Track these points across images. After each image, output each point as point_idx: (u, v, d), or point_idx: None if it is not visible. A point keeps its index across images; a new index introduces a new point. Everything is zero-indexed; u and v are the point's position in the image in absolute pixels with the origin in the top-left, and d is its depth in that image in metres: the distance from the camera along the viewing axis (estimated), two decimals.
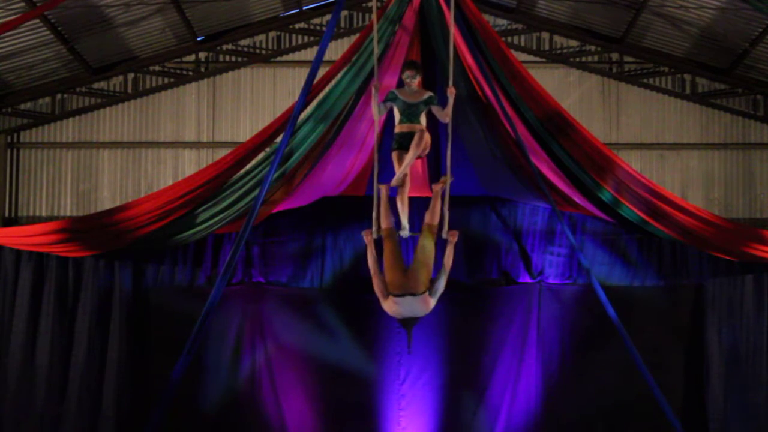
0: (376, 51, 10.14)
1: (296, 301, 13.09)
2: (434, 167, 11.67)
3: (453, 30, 10.01)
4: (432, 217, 9.64)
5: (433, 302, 9.36)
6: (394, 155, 9.80)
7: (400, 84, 10.31)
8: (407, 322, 9.47)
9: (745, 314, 12.89)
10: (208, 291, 10.19)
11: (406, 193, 9.83)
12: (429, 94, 9.85)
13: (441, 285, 9.38)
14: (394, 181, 9.64)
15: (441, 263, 9.50)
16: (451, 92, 9.76)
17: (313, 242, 13.17)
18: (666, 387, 12.22)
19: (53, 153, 13.77)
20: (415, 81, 9.83)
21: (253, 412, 12.83)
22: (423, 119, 9.81)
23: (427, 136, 9.73)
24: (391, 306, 9.30)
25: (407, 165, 9.61)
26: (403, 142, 9.76)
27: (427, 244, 9.47)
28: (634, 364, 11.03)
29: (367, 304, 12.71)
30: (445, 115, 9.82)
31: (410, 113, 9.77)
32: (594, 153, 11.41)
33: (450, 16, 10.13)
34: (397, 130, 9.85)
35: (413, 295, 9.21)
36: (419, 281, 9.25)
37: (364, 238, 9.63)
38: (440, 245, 9.64)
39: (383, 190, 9.68)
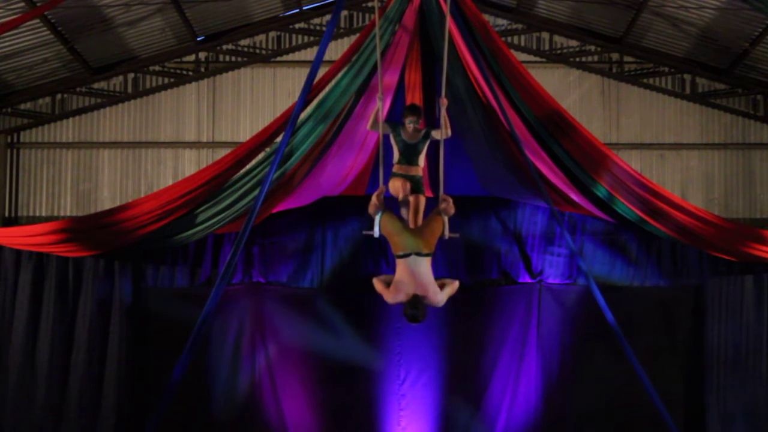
0: (380, 61, 10.12)
1: (296, 301, 13.10)
2: (434, 168, 11.66)
3: (447, 38, 9.94)
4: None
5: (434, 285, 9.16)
6: (397, 183, 9.65)
7: (397, 109, 10.20)
8: (414, 311, 9.21)
9: (745, 314, 12.89)
10: (208, 291, 10.18)
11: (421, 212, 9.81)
12: (425, 129, 9.76)
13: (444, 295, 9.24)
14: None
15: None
16: (443, 103, 9.69)
17: (313, 242, 13.17)
18: (666, 387, 12.25)
19: (53, 153, 13.76)
20: (417, 125, 9.72)
21: (254, 412, 12.84)
22: (422, 160, 9.75)
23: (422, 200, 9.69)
24: (395, 288, 9.04)
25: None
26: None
27: (435, 217, 9.38)
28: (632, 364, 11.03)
29: (367, 304, 12.74)
30: (443, 129, 9.77)
31: (409, 154, 9.68)
32: (594, 153, 11.41)
33: (448, 25, 10.05)
34: (394, 169, 9.73)
35: (418, 254, 9.11)
36: (424, 241, 9.14)
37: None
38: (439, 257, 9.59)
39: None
